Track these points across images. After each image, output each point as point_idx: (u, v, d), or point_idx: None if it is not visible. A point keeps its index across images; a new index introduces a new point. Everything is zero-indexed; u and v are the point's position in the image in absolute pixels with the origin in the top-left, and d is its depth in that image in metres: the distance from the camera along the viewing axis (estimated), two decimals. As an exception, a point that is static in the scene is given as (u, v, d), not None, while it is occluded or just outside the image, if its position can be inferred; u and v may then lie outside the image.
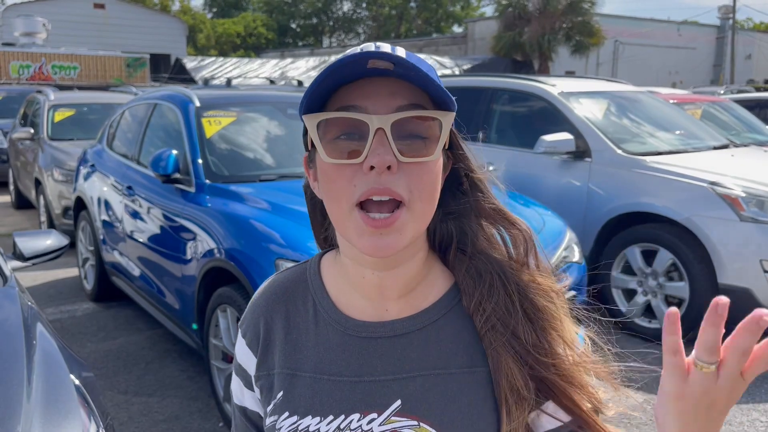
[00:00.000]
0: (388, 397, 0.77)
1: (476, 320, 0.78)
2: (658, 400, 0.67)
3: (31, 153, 7.55)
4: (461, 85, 5.96)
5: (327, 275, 0.85)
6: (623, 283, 4.38)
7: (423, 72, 0.69)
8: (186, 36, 29.30)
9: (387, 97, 0.71)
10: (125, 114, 5.08)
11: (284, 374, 0.81)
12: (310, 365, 0.81)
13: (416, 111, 0.71)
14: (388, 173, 0.69)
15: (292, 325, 0.84)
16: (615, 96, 5.42)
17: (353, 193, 0.70)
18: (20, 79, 16.88)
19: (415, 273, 0.80)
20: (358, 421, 0.77)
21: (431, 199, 0.73)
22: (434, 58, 21.65)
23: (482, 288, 0.78)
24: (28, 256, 2.61)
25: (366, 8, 46.50)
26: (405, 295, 0.80)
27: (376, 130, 0.69)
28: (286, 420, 0.79)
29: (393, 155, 0.69)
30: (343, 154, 0.71)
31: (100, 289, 4.94)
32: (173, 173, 3.59)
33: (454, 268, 0.82)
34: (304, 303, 0.84)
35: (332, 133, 0.71)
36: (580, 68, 24.60)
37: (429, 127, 0.72)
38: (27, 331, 2.01)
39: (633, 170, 4.41)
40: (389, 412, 0.77)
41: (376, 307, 0.80)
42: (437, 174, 0.74)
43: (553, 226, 3.50)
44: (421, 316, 0.80)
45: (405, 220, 0.71)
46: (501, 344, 0.76)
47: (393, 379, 0.78)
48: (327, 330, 0.81)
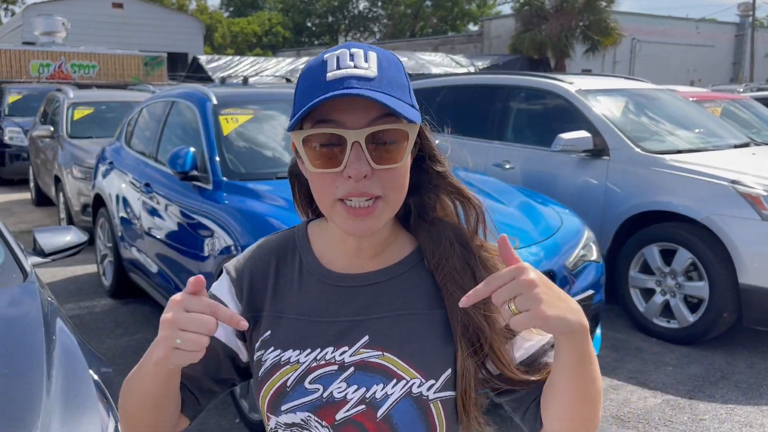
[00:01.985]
0: (358, 333, 0.91)
1: (437, 275, 0.93)
2: None
3: (50, 151, 7.63)
4: (478, 83, 5.94)
5: (313, 238, 0.99)
6: (641, 283, 4.33)
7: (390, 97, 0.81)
8: (203, 35, 29.47)
9: (362, 110, 0.82)
10: (143, 112, 5.11)
11: (271, 316, 0.95)
12: (293, 309, 0.95)
13: (386, 125, 0.82)
14: (364, 180, 0.83)
15: (280, 276, 0.97)
16: (633, 94, 5.37)
17: (335, 192, 0.84)
18: (40, 77, 17.08)
19: (385, 237, 0.95)
20: (332, 353, 0.91)
21: (402, 190, 0.88)
22: (450, 57, 21.59)
23: (441, 249, 0.93)
24: (48, 252, 2.64)
25: (381, 7, 46.46)
26: (378, 255, 0.95)
27: (353, 143, 0.81)
28: (272, 353, 0.93)
29: (368, 165, 0.82)
30: (325, 163, 0.84)
31: (118, 285, 4.98)
32: (191, 170, 3.61)
33: (417, 233, 0.97)
34: (292, 258, 0.98)
35: (314, 141, 0.84)
36: (597, 66, 24.39)
37: (398, 136, 0.84)
38: (47, 326, 2.03)
39: (652, 168, 4.36)
40: (358, 345, 0.91)
41: (353, 264, 0.95)
42: (406, 170, 0.88)
43: (571, 224, 3.47)
44: (389, 270, 0.95)
45: (382, 209, 0.86)
46: (456, 294, 0.89)
47: (363, 319, 0.92)
48: (309, 280, 0.96)
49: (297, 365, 0.91)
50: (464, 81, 6.24)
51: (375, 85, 0.81)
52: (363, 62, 0.83)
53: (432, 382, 0.89)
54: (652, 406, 3.33)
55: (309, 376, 0.90)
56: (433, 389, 0.89)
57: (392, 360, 0.90)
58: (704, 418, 3.21)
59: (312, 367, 0.91)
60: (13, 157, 10.48)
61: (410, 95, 0.87)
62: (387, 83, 0.82)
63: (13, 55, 17.05)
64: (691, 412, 3.27)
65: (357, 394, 0.89)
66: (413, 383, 0.89)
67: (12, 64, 16.88)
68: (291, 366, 0.91)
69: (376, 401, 0.88)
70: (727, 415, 3.24)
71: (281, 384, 0.91)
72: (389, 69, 0.85)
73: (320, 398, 0.90)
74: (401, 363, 0.90)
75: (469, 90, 5.96)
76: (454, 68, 20.13)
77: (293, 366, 0.91)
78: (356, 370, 0.90)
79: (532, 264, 2.93)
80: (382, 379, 0.89)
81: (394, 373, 0.89)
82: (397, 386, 0.89)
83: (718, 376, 3.68)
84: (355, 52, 0.83)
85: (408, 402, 0.89)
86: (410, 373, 0.89)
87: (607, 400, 3.38)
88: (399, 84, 0.85)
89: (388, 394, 0.89)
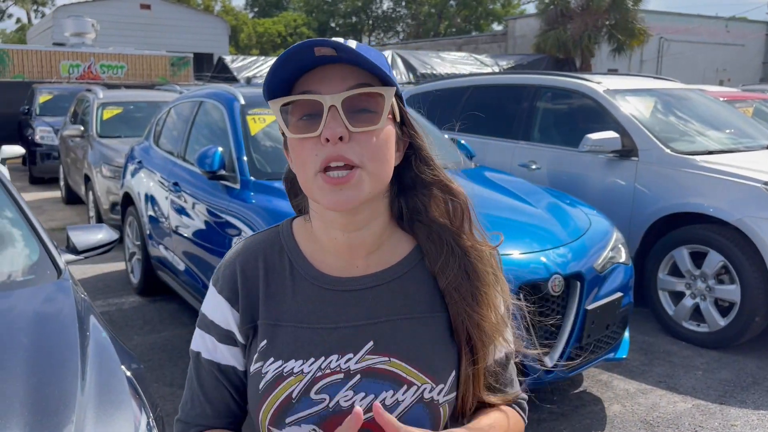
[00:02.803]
0: (362, 339, 0.89)
1: (440, 280, 0.92)
2: None
3: (80, 150, 7.75)
4: (504, 83, 5.90)
5: (300, 237, 0.96)
6: (670, 286, 4.27)
7: (362, 55, 0.81)
8: (228, 35, 29.73)
9: (339, 80, 0.84)
10: (171, 112, 5.17)
11: (267, 324, 0.91)
12: (290, 316, 0.91)
13: (362, 89, 0.83)
14: (341, 143, 0.82)
15: (270, 280, 0.93)
16: (662, 94, 5.29)
17: (315, 161, 0.83)
18: (70, 78, 17.36)
19: (378, 234, 0.92)
20: (337, 361, 0.88)
21: (384, 161, 0.85)
22: (474, 57, 21.48)
23: (444, 254, 0.92)
24: (81, 249, 2.68)
25: (405, 6, 46.42)
26: (371, 254, 0.93)
27: (329, 107, 0.82)
28: (272, 365, 0.89)
29: (344, 127, 0.82)
30: (303, 130, 0.84)
31: (146, 283, 5.04)
32: (219, 170, 3.64)
33: (416, 234, 0.95)
34: (280, 261, 0.95)
35: (296, 115, 0.85)
36: (624, 66, 24.07)
37: (375, 101, 0.84)
38: (81, 323, 2.06)
39: (682, 170, 4.29)
40: (363, 351, 0.88)
41: (346, 265, 0.93)
42: (386, 140, 0.86)
43: (600, 226, 3.44)
44: (388, 272, 0.93)
45: (361, 178, 0.83)
46: (459, 299, 0.91)
47: (366, 324, 0.90)
48: (303, 285, 0.92)
49: (302, 376, 0.88)
50: (490, 81, 6.20)
51: (350, 50, 0.82)
52: (342, 41, 0.84)
53: (442, 387, 0.89)
54: (682, 410, 3.28)
55: (315, 386, 0.87)
56: (443, 393, 0.89)
57: (400, 365, 0.88)
58: (735, 424, 3.16)
59: (317, 376, 0.88)
60: (43, 156, 10.66)
61: (389, 71, 0.87)
62: (358, 52, 0.82)
63: (44, 55, 17.37)
64: (722, 417, 3.21)
65: (365, 402, 0.87)
66: (424, 388, 0.88)
67: (43, 64, 17.20)
68: (295, 377, 0.88)
69: (386, 408, 0.86)
70: (759, 422, 3.18)
71: (286, 396, 0.87)
72: (369, 49, 0.85)
73: (326, 408, 0.87)
74: (410, 368, 0.88)
75: (496, 90, 5.93)
76: (478, 68, 20.02)
77: (298, 377, 0.88)
78: (363, 378, 0.88)
79: (559, 266, 2.91)
80: (392, 385, 0.87)
81: (403, 379, 0.88)
82: (408, 392, 0.87)
83: (750, 381, 3.61)
84: (335, 39, 0.85)
85: (420, 407, 0.88)
86: (420, 379, 0.88)
87: (636, 404, 3.33)
88: (379, 60, 0.85)
89: (399, 401, 0.87)
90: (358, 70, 0.85)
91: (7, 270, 2.40)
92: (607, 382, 3.59)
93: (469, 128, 5.74)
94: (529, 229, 3.19)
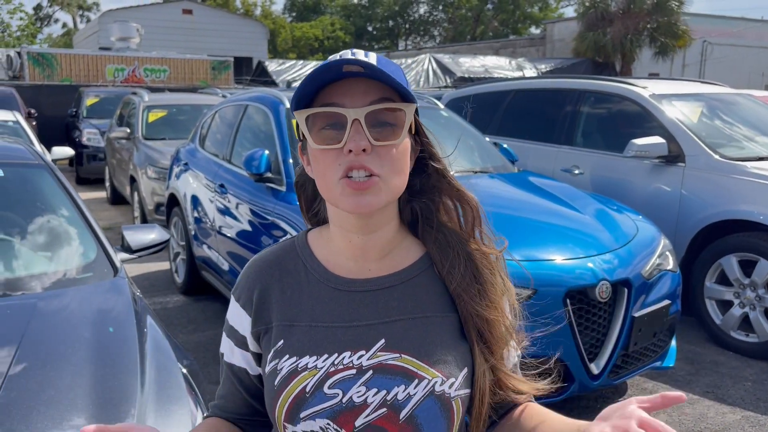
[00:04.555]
0: (374, 337, 0.93)
1: (448, 284, 0.96)
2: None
3: (126, 152, 7.94)
4: (547, 87, 5.85)
5: (315, 245, 1.01)
6: (718, 294, 4.18)
7: (387, 74, 0.85)
8: (267, 39, 30.11)
9: (361, 94, 0.88)
10: (216, 115, 5.27)
11: (282, 326, 0.96)
12: (305, 317, 0.95)
13: (384, 104, 0.87)
14: (364, 154, 0.86)
15: (286, 286, 0.98)
16: (710, 98, 5.18)
17: (338, 170, 0.87)
18: (115, 81, 17.82)
19: (390, 238, 0.97)
20: (350, 357, 0.92)
21: (401, 173, 0.90)
22: (512, 60, 21.34)
23: (449, 258, 0.96)
24: (135, 248, 2.76)
25: (442, 10, 46.37)
26: (383, 257, 0.97)
27: (353, 120, 0.86)
28: (287, 361, 0.93)
29: (367, 141, 0.86)
30: (328, 141, 0.88)
31: (190, 282, 5.15)
32: (265, 172, 3.70)
33: (425, 239, 0.99)
34: (295, 267, 1.00)
35: (318, 125, 0.88)
36: (665, 70, 23.62)
37: (396, 116, 0.89)
38: (138, 320, 2.13)
39: (731, 176, 4.20)
40: (375, 348, 0.92)
41: (359, 267, 0.97)
42: (404, 153, 0.91)
43: (647, 232, 3.39)
44: (399, 275, 0.97)
45: (380, 187, 0.88)
46: (468, 300, 0.95)
47: (378, 323, 0.93)
48: (318, 287, 0.97)
49: (315, 371, 0.91)
50: (533, 85, 6.16)
51: (375, 68, 0.86)
52: (363, 56, 0.88)
53: (453, 381, 0.91)
54: (730, 422, 3.21)
55: (328, 381, 0.90)
56: (455, 387, 0.91)
57: (411, 361, 0.91)
58: (788, 437, 3.07)
59: (330, 371, 0.91)
60: (90, 157, 10.94)
61: (409, 87, 0.91)
62: (382, 70, 0.86)
63: (90, 59, 17.86)
64: (774, 430, 3.13)
65: (377, 398, 0.89)
66: (435, 382, 0.90)
67: (89, 68, 17.68)
68: (309, 372, 0.91)
69: (398, 402, 0.89)
70: (812, 436, 3.09)
71: (300, 390, 0.91)
72: (389, 64, 0.90)
73: (339, 403, 0.89)
74: (420, 363, 0.91)
75: (538, 94, 5.89)
76: (515, 72, 19.88)
77: (311, 372, 0.91)
78: (375, 373, 0.90)
79: (607, 272, 2.89)
80: (403, 380, 0.90)
81: (414, 374, 0.90)
82: (420, 386, 0.90)
83: (802, 394, 3.52)
84: (356, 51, 0.90)
85: (432, 400, 0.90)
86: (431, 373, 0.90)
87: (682, 414, 3.27)
88: (399, 76, 0.89)
89: (411, 395, 0.89)
90: (379, 84, 0.89)
91: (65, 268, 2.48)
92: (652, 391, 3.53)
93: (511, 132, 5.72)
94: (575, 235, 3.17)
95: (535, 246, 2.97)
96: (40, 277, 2.36)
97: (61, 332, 2.00)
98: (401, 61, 19.79)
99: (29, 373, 1.75)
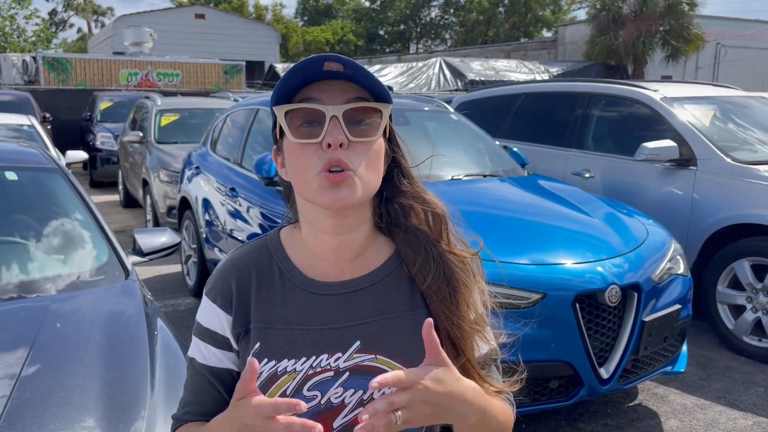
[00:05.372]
0: (349, 339, 0.95)
1: (419, 281, 0.99)
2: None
3: (139, 155, 8.01)
4: (557, 90, 5.84)
5: (288, 246, 1.02)
6: (730, 299, 4.15)
7: (365, 74, 0.89)
8: (279, 43, 30.25)
9: (340, 92, 0.91)
10: (228, 119, 5.30)
11: (259, 328, 0.97)
12: (281, 319, 0.97)
13: (362, 102, 0.91)
14: (341, 150, 0.89)
15: (261, 287, 0.99)
16: (722, 101, 5.15)
17: (317, 164, 0.89)
18: (128, 85, 17.97)
19: (363, 239, 0.98)
20: (327, 359, 0.94)
21: (375, 171, 0.93)
22: (523, 64, 21.28)
23: (420, 257, 0.98)
24: (146, 252, 2.78)
25: (453, 14, 46.37)
26: (356, 258, 0.99)
27: (331, 117, 0.89)
28: (266, 365, 0.94)
29: (344, 136, 0.89)
30: (305, 136, 0.90)
31: (201, 285, 5.17)
32: (275, 176, 3.72)
33: (395, 239, 1.01)
34: (270, 269, 1.00)
35: (298, 120, 0.91)
36: (678, 73, 23.46)
37: (372, 115, 0.92)
38: (149, 323, 2.15)
39: (744, 180, 4.17)
40: (351, 350, 0.95)
41: (333, 269, 0.99)
42: (379, 152, 0.94)
43: (657, 236, 3.37)
44: (371, 276, 0.99)
45: (355, 182, 0.89)
46: (438, 301, 0.97)
47: (352, 325, 0.96)
48: (293, 290, 0.98)
49: (294, 374, 0.93)
50: (543, 88, 6.15)
51: (356, 66, 0.89)
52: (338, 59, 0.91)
53: None
54: (742, 428, 3.18)
55: (307, 383, 0.93)
56: None
57: (386, 362, 0.94)
58: (801, 443, 3.05)
59: (309, 374, 0.93)
60: (103, 160, 11.03)
61: (385, 89, 0.94)
62: (361, 70, 0.90)
63: (104, 64, 18.03)
64: (786, 436, 3.10)
65: (354, 397, 0.93)
66: None
67: (103, 72, 17.85)
68: (289, 375, 0.93)
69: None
70: (826, 442, 3.06)
71: (281, 394, 0.93)
72: (364, 68, 0.92)
73: (318, 405, 0.93)
74: (394, 363, 0.94)
75: (548, 97, 5.87)
76: (527, 75, 19.83)
77: (291, 375, 0.93)
78: (352, 375, 0.93)
79: (616, 276, 2.86)
80: None
81: None
82: None
83: (816, 400, 3.48)
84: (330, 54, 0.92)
85: None
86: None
87: (694, 420, 3.25)
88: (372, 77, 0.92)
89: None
90: (357, 86, 0.92)
91: (77, 270, 2.51)
92: (663, 396, 3.51)
93: (521, 135, 5.71)
94: (584, 239, 3.16)
95: (544, 250, 2.97)
96: (53, 280, 2.39)
97: (72, 334, 2.02)
98: (412, 64, 19.79)
99: (41, 375, 1.78)
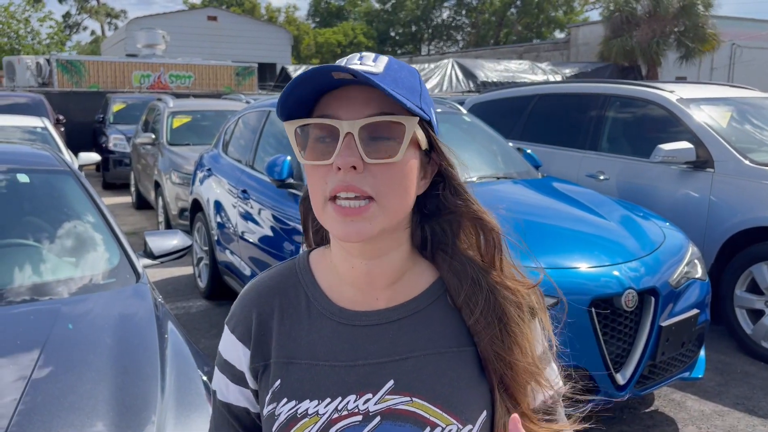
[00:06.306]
0: (382, 377, 0.82)
1: (465, 315, 0.85)
2: None
3: (151, 157, 8.03)
4: (572, 92, 5.79)
5: (317, 270, 0.90)
6: (748, 303, 4.08)
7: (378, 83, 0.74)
8: (291, 45, 30.34)
9: (360, 104, 0.77)
10: (239, 121, 5.30)
11: (280, 363, 0.86)
12: (305, 353, 0.85)
13: (380, 117, 0.77)
14: (354, 172, 0.76)
15: (285, 317, 0.88)
16: (740, 102, 5.08)
17: (325, 189, 0.78)
18: (141, 87, 18.07)
19: (399, 264, 0.86)
20: (355, 401, 0.82)
21: (402, 196, 0.79)
22: (536, 65, 21.19)
23: (466, 287, 0.85)
24: (158, 254, 2.77)
25: (465, 15, 46.29)
26: (392, 285, 0.86)
27: (346, 134, 0.76)
28: (285, 405, 0.83)
29: (358, 157, 0.76)
30: (317, 156, 0.78)
31: (212, 287, 5.17)
32: (287, 178, 3.70)
33: (438, 265, 0.88)
34: (296, 296, 0.89)
35: (312, 136, 0.79)
36: (693, 74, 23.26)
37: (396, 130, 0.77)
38: (159, 326, 2.13)
39: (762, 182, 4.10)
40: (383, 391, 0.82)
41: (366, 297, 0.86)
42: (406, 173, 0.79)
43: (674, 240, 3.32)
44: (409, 305, 0.86)
45: (374, 213, 0.77)
46: (488, 339, 0.83)
47: (386, 361, 0.83)
48: (320, 320, 0.86)
49: (317, 417, 0.82)
50: (557, 89, 6.10)
51: (378, 78, 0.75)
52: (370, 62, 0.79)
53: (470, 428, 0.81)
54: (762, 435, 3.12)
55: (331, 428, 0.81)
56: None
57: (422, 406, 0.81)
58: (822, 452, 2.98)
59: (334, 418, 0.81)
60: (116, 162, 11.09)
61: (420, 99, 0.81)
62: (391, 80, 0.77)
63: (117, 66, 18.14)
64: (808, 444, 3.04)
65: None
66: (450, 430, 0.81)
67: (116, 75, 17.96)
68: (310, 419, 0.82)
69: None
70: None
71: None
72: (399, 71, 0.80)
73: None
74: (433, 408, 0.81)
75: (562, 98, 5.82)
76: (539, 76, 19.73)
77: (312, 418, 0.82)
78: (383, 420, 0.81)
79: (633, 280, 2.82)
80: (413, 428, 0.81)
81: (426, 420, 0.81)
82: None
83: (837, 407, 3.41)
84: (365, 54, 0.80)
85: None
86: (444, 419, 0.81)
87: (712, 426, 3.19)
88: (407, 85, 0.79)
89: None
90: (384, 94, 0.77)
91: (89, 273, 2.50)
92: (680, 402, 3.45)
93: (534, 137, 5.66)
94: (600, 242, 3.11)
95: (559, 253, 2.93)
96: (65, 283, 2.38)
97: (83, 338, 2.01)
98: (424, 66, 19.75)
99: (52, 378, 1.76)
